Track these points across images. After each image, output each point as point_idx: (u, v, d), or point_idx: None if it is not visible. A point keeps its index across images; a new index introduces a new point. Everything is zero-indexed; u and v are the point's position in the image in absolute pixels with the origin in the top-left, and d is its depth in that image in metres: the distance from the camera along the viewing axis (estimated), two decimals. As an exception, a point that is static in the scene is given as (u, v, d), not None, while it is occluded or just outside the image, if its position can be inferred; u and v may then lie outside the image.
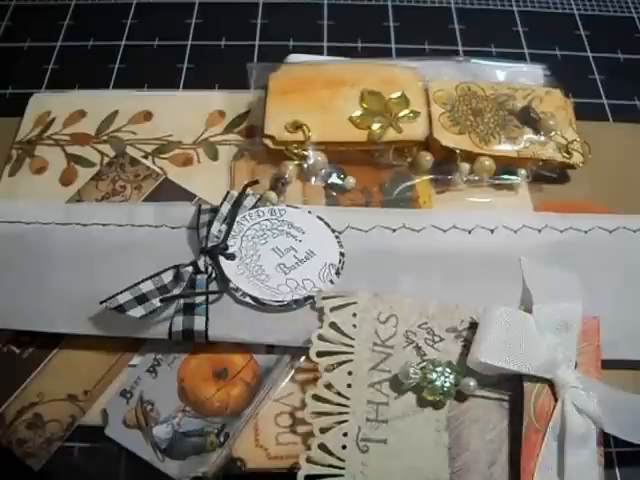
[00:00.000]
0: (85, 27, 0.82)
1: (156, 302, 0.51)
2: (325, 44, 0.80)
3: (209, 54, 0.79)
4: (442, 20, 0.84)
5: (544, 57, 0.78)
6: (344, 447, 0.48)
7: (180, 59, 0.78)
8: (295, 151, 0.62)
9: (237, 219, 0.57)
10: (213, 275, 0.54)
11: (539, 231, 0.59)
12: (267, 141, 0.63)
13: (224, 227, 0.56)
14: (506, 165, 0.63)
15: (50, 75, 0.76)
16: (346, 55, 0.77)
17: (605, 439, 0.49)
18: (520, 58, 0.78)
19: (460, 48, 0.80)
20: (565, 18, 0.85)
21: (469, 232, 0.59)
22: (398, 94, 0.65)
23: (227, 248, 0.56)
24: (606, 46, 0.81)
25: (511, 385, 0.50)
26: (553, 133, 0.63)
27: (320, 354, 0.50)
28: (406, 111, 0.64)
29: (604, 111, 0.74)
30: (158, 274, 0.52)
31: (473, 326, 0.51)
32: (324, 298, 0.53)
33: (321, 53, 0.79)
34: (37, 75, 0.76)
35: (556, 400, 0.48)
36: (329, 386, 0.49)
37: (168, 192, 0.63)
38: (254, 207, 0.59)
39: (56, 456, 0.50)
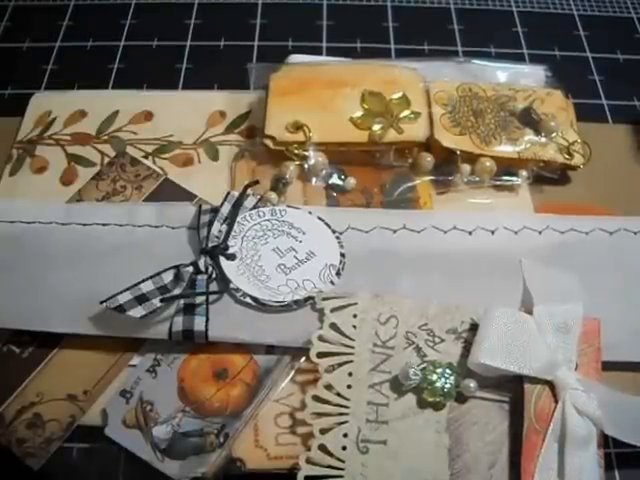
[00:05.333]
0: (84, 27, 0.82)
1: (156, 302, 0.51)
2: (324, 44, 0.80)
3: (208, 54, 0.79)
4: (441, 20, 0.84)
5: (543, 57, 0.78)
6: (344, 448, 0.48)
7: (179, 59, 0.78)
8: (296, 152, 0.62)
9: (237, 219, 0.57)
10: (213, 275, 0.54)
11: (540, 232, 0.59)
12: (268, 141, 0.63)
13: (224, 227, 0.56)
14: (507, 166, 0.63)
15: (49, 75, 0.76)
16: (345, 55, 0.76)
17: (604, 440, 0.49)
18: (519, 58, 0.79)
19: (459, 49, 0.80)
20: (564, 18, 0.85)
21: (470, 233, 0.59)
22: (399, 95, 0.65)
23: (227, 248, 0.55)
24: (605, 47, 0.81)
25: (511, 386, 0.50)
26: (554, 134, 0.63)
27: (320, 355, 0.50)
28: (407, 112, 0.64)
29: (603, 112, 0.74)
30: (158, 274, 0.52)
31: (473, 327, 0.51)
32: (324, 299, 0.53)
33: (320, 53, 0.79)
34: (36, 75, 0.76)
35: (556, 401, 0.48)
36: (329, 387, 0.49)
37: (168, 192, 0.63)
38: (255, 207, 0.59)
39: (55, 456, 0.50)
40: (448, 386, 0.49)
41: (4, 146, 0.66)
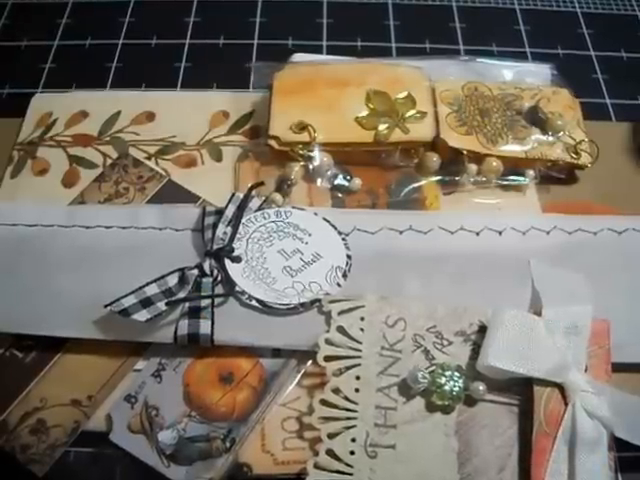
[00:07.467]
0: (82, 26, 0.81)
1: (161, 305, 0.51)
2: (325, 43, 0.80)
3: (207, 53, 0.79)
4: (443, 18, 0.84)
5: (546, 56, 0.78)
6: (352, 453, 0.47)
7: (178, 58, 0.78)
8: (300, 152, 0.62)
9: (242, 221, 0.57)
10: (219, 278, 0.54)
11: (547, 233, 0.58)
12: (272, 142, 0.62)
13: (229, 229, 0.56)
14: (513, 166, 0.62)
15: (47, 74, 0.76)
16: (346, 54, 0.76)
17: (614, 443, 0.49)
18: (522, 57, 0.78)
19: (461, 47, 0.80)
20: (568, 16, 0.84)
21: (477, 234, 0.58)
22: (404, 94, 0.64)
23: (233, 250, 0.55)
24: (609, 45, 0.80)
25: (521, 389, 0.49)
26: (561, 133, 0.63)
27: (327, 358, 0.50)
28: (412, 111, 0.63)
29: (607, 110, 0.74)
30: (163, 277, 0.52)
31: (482, 329, 0.51)
32: (331, 301, 0.52)
33: (320, 52, 0.78)
34: (34, 74, 0.75)
35: (566, 404, 0.48)
36: (337, 391, 0.49)
37: (172, 194, 0.62)
38: (259, 209, 0.58)
39: (60, 462, 0.50)
40: (457, 389, 0.49)
41: (5, 148, 0.66)
